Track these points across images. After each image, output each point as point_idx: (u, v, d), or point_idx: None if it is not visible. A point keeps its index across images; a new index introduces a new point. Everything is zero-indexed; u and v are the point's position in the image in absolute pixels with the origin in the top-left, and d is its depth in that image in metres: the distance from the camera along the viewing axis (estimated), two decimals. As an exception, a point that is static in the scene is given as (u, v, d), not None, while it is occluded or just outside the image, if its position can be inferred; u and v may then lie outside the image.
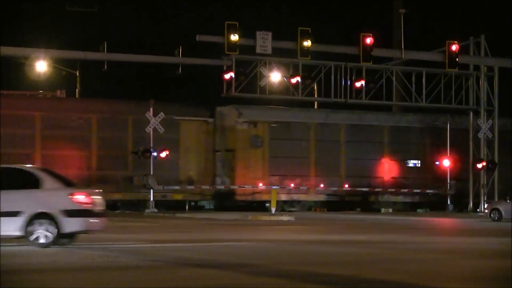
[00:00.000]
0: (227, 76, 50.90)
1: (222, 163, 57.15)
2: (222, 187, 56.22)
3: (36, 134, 52.53)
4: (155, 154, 52.82)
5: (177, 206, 55.11)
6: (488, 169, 57.01)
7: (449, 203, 57.89)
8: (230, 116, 56.75)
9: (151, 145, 52.77)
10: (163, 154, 53.23)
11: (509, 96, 61.42)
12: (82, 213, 21.59)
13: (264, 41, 48.95)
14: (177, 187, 55.45)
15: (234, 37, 47.72)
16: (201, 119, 56.49)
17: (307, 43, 49.09)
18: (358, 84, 53.09)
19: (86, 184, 45.19)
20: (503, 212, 44.06)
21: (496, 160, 57.25)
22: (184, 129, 55.92)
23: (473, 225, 40.43)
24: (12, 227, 21.33)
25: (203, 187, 55.61)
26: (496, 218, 44.06)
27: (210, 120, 56.80)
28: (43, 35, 66.17)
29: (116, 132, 54.47)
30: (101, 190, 22.86)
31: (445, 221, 45.76)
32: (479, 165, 56.80)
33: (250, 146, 56.28)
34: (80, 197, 21.63)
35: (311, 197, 57.85)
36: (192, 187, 55.38)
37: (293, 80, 51.81)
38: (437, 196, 58.89)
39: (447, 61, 52.51)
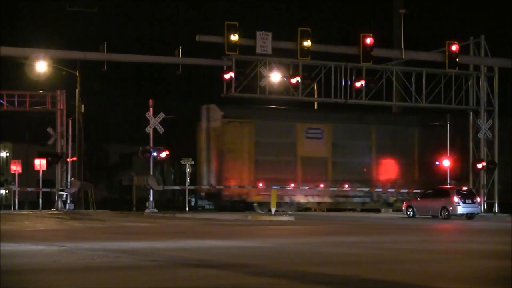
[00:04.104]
0: (227, 76, 50.89)
1: None
2: None
3: None
4: (155, 154, 52.90)
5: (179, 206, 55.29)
6: (488, 169, 57.01)
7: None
8: None
9: (151, 145, 52.82)
10: (163, 154, 53.30)
11: (509, 96, 61.44)
12: None
13: (264, 41, 48.91)
14: (177, 187, 55.58)
15: (234, 37, 47.67)
16: None
17: (307, 43, 49.05)
18: (358, 84, 53.11)
19: None
20: (415, 210, 47.89)
21: (496, 160, 57.25)
22: None
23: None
24: None
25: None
26: (410, 215, 48.01)
27: None
28: (43, 35, 66.19)
29: None
30: None
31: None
32: (479, 165, 56.80)
33: None
34: None
35: None
36: None
37: (293, 80, 51.81)
38: None
39: (447, 61, 52.49)
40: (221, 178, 57.14)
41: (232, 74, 50.65)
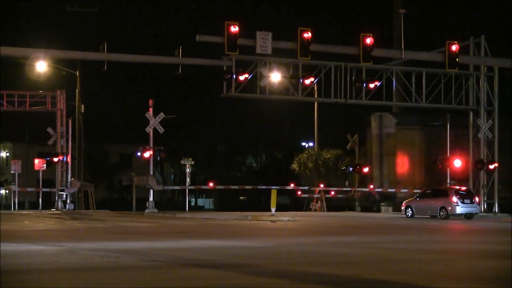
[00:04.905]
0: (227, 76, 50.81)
1: None
2: None
3: None
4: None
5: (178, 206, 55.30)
6: (488, 169, 56.96)
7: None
8: None
9: (151, 145, 52.81)
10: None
11: (509, 96, 61.43)
12: None
13: (264, 41, 48.86)
14: (177, 187, 55.70)
15: (234, 37, 47.63)
16: None
17: (307, 43, 49.01)
18: (358, 84, 53.06)
19: None
20: (414, 209, 48.31)
21: (496, 160, 57.21)
22: None
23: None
24: None
25: None
26: (409, 215, 48.42)
27: None
28: (43, 35, 66.25)
29: None
30: None
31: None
32: (480, 165, 56.72)
33: None
34: None
35: None
36: None
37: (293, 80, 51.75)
38: None
39: (447, 61, 52.43)
40: (394, 181, 61.28)
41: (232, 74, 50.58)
